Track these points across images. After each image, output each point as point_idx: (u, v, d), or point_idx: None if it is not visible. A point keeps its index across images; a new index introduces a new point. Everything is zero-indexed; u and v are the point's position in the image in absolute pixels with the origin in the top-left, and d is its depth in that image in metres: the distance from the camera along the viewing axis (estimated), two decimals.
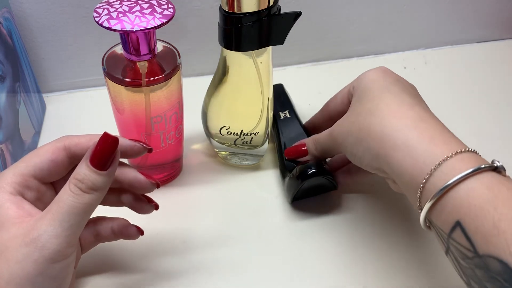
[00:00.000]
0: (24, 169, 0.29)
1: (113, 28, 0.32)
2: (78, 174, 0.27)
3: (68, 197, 0.27)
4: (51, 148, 0.30)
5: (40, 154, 0.30)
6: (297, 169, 0.40)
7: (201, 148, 0.48)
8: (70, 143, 0.31)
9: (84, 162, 0.28)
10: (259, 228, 0.41)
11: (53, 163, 0.30)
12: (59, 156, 0.30)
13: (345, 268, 0.38)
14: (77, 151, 0.31)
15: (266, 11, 0.35)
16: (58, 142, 0.31)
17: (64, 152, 0.30)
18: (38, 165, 0.30)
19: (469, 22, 0.62)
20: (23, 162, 0.30)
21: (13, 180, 0.29)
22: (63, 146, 0.30)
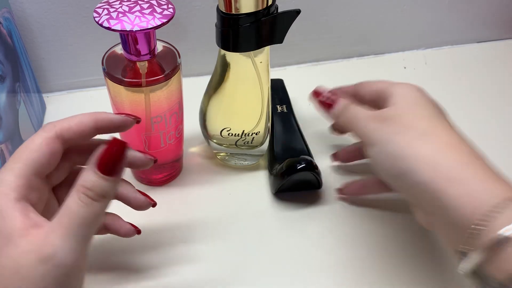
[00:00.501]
0: (25, 169, 0.27)
1: (113, 28, 0.32)
2: (86, 182, 0.26)
3: (79, 208, 0.25)
4: (44, 140, 0.28)
5: (35, 148, 0.28)
6: (287, 162, 0.41)
7: (200, 149, 0.48)
8: (61, 130, 0.29)
9: (92, 168, 0.26)
10: (259, 228, 0.41)
11: (52, 156, 0.28)
12: (55, 146, 0.29)
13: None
14: (70, 136, 0.29)
15: (265, 11, 0.35)
16: (47, 131, 0.28)
17: (58, 140, 0.29)
18: (38, 162, 0.28)
19: (469, 22, 0.62)
20: (20, 162, 0.27)
21: (17, 184, 0.26)
22: (55, 135, 0.29)
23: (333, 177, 0.45)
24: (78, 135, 0.29)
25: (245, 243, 0.40)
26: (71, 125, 0.29)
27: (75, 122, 0.29)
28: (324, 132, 0.50)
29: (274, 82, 0.50)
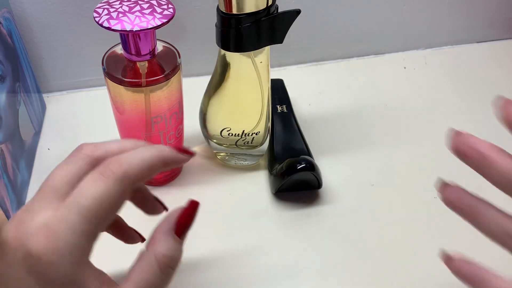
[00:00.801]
0: (97, 231, 0.24)
1: (113, 28, 0.32)
2: (169, 251, 0.24)
3: (160, 281, 0.24)
4: (121, 197, 0.24)
5: (111, 208, 0.24)
6: (287, 162, 0.41)
7: (200, 149, 0.48)
8: (135, 181, 0.25)
9: (171, 234, 0.25)
10: (259, 228, 0.41)
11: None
12: (127, 199, 0.25)
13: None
14: (139, 181, 0.26)
15: (265, 11, 0.35)
16: (124, 184, 0.24)
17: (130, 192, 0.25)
18: (110, 220, 0.24)
19: (469, 22, 0.62)
20: (93, 223, 0.23)
21: (89, 248, 0.24)
22: (130, 189, 0.25)
23: (333, 177, 0.45)
24: (145, 179, 0.26)
25: (245, 243, 0.40)
26: (144, 175, 0.25)
27: (147, 168, 0.25)
28: (324, 132, 0.50)
29: (274, 82, 0.50)
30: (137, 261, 0.25)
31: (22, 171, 0.43)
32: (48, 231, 0.22)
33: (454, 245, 0.40)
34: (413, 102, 0.55)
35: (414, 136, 0.50)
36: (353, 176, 0.46)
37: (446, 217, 0.42)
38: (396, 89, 0.56)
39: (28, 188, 0.44)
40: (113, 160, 0.24)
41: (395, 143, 0.49)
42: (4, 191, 0.38)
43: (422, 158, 0.48)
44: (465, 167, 0.48)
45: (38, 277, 0.22)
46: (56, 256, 0.22)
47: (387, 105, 0.54)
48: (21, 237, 0.23)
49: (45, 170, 0.46)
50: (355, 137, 0.50)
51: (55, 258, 0.22)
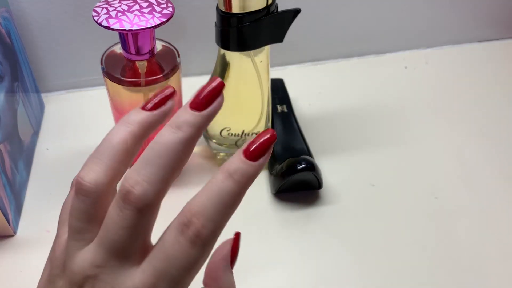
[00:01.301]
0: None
1: (112, 28, 0.32)
2: (233, 285, 0.25)
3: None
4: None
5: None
6: (287, 162, 0.41)
7: (200, 149, 0.48)
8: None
9: (229, 270, 0.26)
10: (259, 228, 0.41)
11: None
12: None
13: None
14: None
15: (265, 10, 0.35)
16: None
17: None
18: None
19: (469, 22, 0.62)
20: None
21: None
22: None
23: (333, 177, 0.45)
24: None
25: (245, 243, 0.40)
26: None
27: (224, 226, 0.25)
28: (324, 132, 0.50)
29: (274, 82, 0.50)
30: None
31: (21, 171, 0.43)
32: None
33: (454, 245, 0.40)
34: (414, 102, 0.55)
35: (414, 136, 0.50)
36: (353, 176, 0.45)
37: (446, 217, 0.42)
38: (397, 89, 0.56)
39: (27, 188, 0.44)
40: (193, 218, 0.23)
41: (395, 143, 0.49)
42: (2, 191, 0.38)
43: (422, 158, 0.48)
44: (465, 167, 0.48)
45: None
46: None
47: (387, 105, 0.54)
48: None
49: (44, 170, 0.46)
50: (356, 137, 0.50)
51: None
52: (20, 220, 0.41)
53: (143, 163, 0.22)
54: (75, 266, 0.22)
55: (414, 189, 0.44)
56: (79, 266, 0.22)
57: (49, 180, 0.45)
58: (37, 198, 0.43)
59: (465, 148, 0.49)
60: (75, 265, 0.22)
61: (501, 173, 0.46)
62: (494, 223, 0.42)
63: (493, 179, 0.46)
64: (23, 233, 0.40)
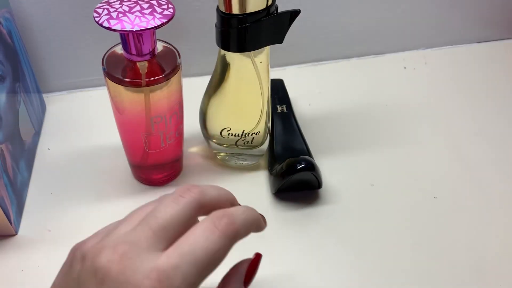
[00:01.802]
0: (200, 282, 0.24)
1: (113, 28, 0.32)
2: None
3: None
4: (227, 249, 0.25)
5: (220, 258, 0.25)
6: (287, 162, 0.41)
7: (200, 149, 0.48)
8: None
9: (242, 286, 0.27)
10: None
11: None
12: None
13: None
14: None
15: (265, 11, 0.35)
16: (229, 237, 0.25)
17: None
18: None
19: (469, 22, 0.62)
20: (204, 276, 0.24)
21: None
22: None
23: (333, 177, 0.45)
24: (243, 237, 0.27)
25: (245, 243, 0.40)
26: (246, 235, 0.27)
27: (250, 229, 0.27)
28: (324, 132, 0.50)
29: (274, 82, 0.50)
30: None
31: (22, 171, 0.43)
32: (161, 276, 0.22)
33: (454, 245, 0.40)
34: (413, 102, 0.55)
35: (414, 136, 0.50)
36: (353, 176, 0.46)
37: (446, 217, 0.42)
38: (396, 89, 0.56)
39: (28, 188, 0.44)
40: (226, 215, 0.25)
41: (395, 143, 0.49)
42: (4, 191, 0.38)
43: (422, 158, 0.48)
44: (464, 167, 0.48)
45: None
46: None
47: (387, 105, 0.54)
48: (129, 274, 0.22)
49: (45, 170, 0.46)
50: (355, 137, 0.50)
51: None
52: (21, 220, 0.41)
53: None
54: (113, 235, 0.24)
55: (414, 189, 0.45)
56: (116, 234, 0.24)
57: (50, 180, 0.45)
58: (38, 197, 0.43)
59: (464, 148, 0.49)
60: (112, 234, 0.24)
61: (501, 173, 0.46)
62: (494, 223, 0.42)
63: (493, 179, 0.46)
64: (25, 233, 0.40)
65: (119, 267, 0.22)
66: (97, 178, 0.45)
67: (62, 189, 0.44)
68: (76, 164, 0.46)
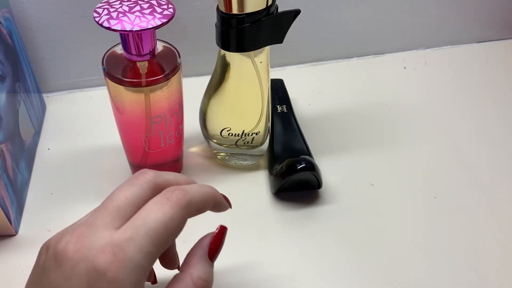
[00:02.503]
0: (159, 254, 0.24)
1: (113, 28, 0.32)
2: (205, 274, 0.26)
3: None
4: (183, 221, 0.25)
5: (174, 231, 0.25)
6: (287, 162, 0.41)
7: (200, 149, 0.48)
8: (196, 212, 0.27)
9: (204, 258, 0.27)
10: (259, 228, 0.41)
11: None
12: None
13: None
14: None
15: (265, 11, 0.35)
16: (185, 209, 0.25)
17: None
18: (170, 243, 0.25)
19: (469, 22, 0.62)
20: (158, 246, 0.24)
21: (149, 269, 0.24)
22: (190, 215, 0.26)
23: (333, 177, 0.45)
24: (200, 212, 0.27)
25: (245, 243, 0.40)
26: (200, 208, 0.27)
27: (203, 204, 0.27)
28: (324, 132, 0.50)
29: (274, 82, 0.50)
30: (173, 283, 0.26)
31: (22, 171, 0.43)
32: (116, 249, 0.23)
33: (453, 245, 0.40)
34: (413, 102, 0.55)
35: (414, 136, 0.50)
36: (353, 176, 0.46)
37: (446, 217, 0.43)
38: (396, 89, 0.57)
39: (28, 188, 0.44)
40: (178, 188, 0.25)
41: (395, 143, 0.49)
42: (4, 191, 0.38)
43: (422, 158, 0.48)
44: (464, 167, 0.48)
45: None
46: (122, 274, 0.22)
47: (387, 105, 0.54)
48: (84, 251, 0.23)
49: (45, 170, 0.46)
50: (355, 137, 0.50)
51: (121, 276, 0.22)
52: (21, 220, 0.41)
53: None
54: (74, 224, 0.26)
55: (414, 189, 0.45)
56: (77, 223, 0.26)
57: (50, 180, 0.45)
58: (38, 197, 0.43)
59: (464, 148, 0.49)
60: (74, 224, 0.26)
61: (501, 173, 0.46)
62: (494, 223, 0.42)
63: (492, 179, 0.46)
64: (25, 233, 0.41)
65: (75, 246, 0.23)
66: (97, 178, 0.45)
67: (62, 189, 0.44)
68: (76, 164, 0.46)
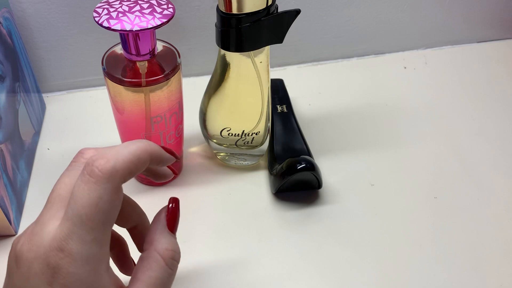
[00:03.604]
0: (106, 235, 0.24)
1: (113, 28, 0.32)
2: (170, 245, 0.26)
3: (168, 276, 0.25)
4: (114, 196, 0.23)
5: (108, 209, 0.23)
6: (287, 162, 0.41)
7: (200, 149, 0.48)
8: (125, 178, 0.24)
9: (166, 231, 0.26)
10: (259, 228, 0.41)
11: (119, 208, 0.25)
12: (121, 197, 0.24)
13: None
14: (128, 178, 0.25)
15: (265, 11, 0.35)
16: (112, 182, 0.23)
17: (121, 188, 0.25)
18: (113, 222, 0.24)
19: (469, 22, 0.62)
20: (99, 229, 0.23)
21: (104, 254, 0.24)
22: (121, 185, 0.24)
23: (333, 177, 0.45)
24: (134, 173, 0.25)
25: (245, 243, 0.40)
26: (132, 168, 0.24)
27: (134, 163, 0.24)
28: (324, 132, 0.50)
29: (274, 82, 0.50)
30: (140, 263, 0.26)
31: (22, 171, 0.43)
32: (61, 245, 0.22)
33: (453, 245, 0.40)
34: (413, 102, 0.55)
35: (414, 136, 0.50)
36: (353, 176, 0.46)
37: (446, 217, 0.42)
38: (396, 89, 0.56)
39: (28, 188, 0.44)
40: (99, 157, 0.23)
41: (395, 143, 0.49)
42: (3, 190, 0.38)
43: (422, 158, 0.48)
44: (464, 167, 0.48)
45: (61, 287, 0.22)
46: (74, 267, 0.22)
47: (387, 105, 0.54)
48: (35, 249, 0.23)
49: (45, 170, 0.46)
50: (355, 137, 0.50)
51: (74, 269, 0.22)
52: (21, 220, 0.41)
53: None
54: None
55: (414, 189, 0.45)
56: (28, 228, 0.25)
57: (50, 179, 0.45)
58: (38, 197, 0.43)
59: (464, 148, 0.49)
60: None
61: (501, 173, 0.46)
62: (494, 223, 0.42)
63: (492, 179, 0.46)
64: None
65: (28, 246, 0.23)
66: None
67: None
68: None
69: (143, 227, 0.31)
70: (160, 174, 0.31)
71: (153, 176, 0.31)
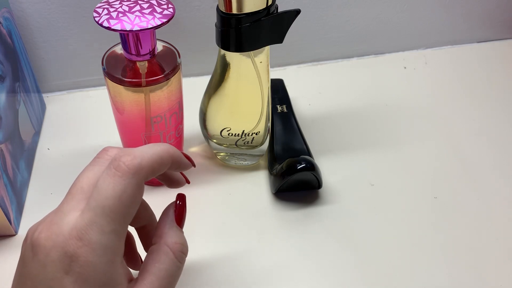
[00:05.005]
0: (125, 229, 0.25)
1: (113, 28, 0.32)
2: (179, 238, 0.27)
3: (177, 269, 0.26)
4: (137, 191, 0.25)
5: (130, 203, 0.24)
6: (287, 162, 0.41)
7: (200, 149, 0.48)
8: (148, 175, 0.25)
9: (175, 226, 0.28)
10: (259, 228, 0.41)
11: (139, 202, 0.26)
12: (142, 192, 0.25)
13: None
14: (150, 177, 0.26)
15: (265, 11, 0.35)
16: (137, 178, 0.24)
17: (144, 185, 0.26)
18: (132, 216, 0.25)
19: (469, 22, 0.62)
20: (119, 222, 0.24)
21: (120, 247, 0.24)
22: (143, 182, 0.25)
23: (333, 177, 0.45)
24: (156, 173, 0.26)
25: (245, 243, 0.40)
26: (155, 168, 0.25)
27: (158, 163, 0.25)
28: (324, 132, 0.50)
29: (274, 82, 0.50)
30: (150, 255, 0.26)
31: (22, 171, 0.43)
32: (80, 234, 0.23)
33: (454, 245, 0.40)
34: (413, 102, 0.55)
35: (414, 136, 0.50)
36: (353, 176, 0.46)
37: (446, 217, 0.42)
38: (396, 89, 0.56)
39: (28, 188, 0.44)
40: (126, 153, 0.24)
41: (395, 143, 0.49)
42: (3, 190, 0.38)
43: (422, 158, 0.48)
44: (464, 167, 0.48)
45: (77, 276, 0.23)
46: (92, 257, 0.23)
47: (387, 105, 0.54)
48: (54, 238, 0.23)
49: (45, 170, 0.46)
50: (355, 137, 0.50)
51: (91, 258, 0.23)
52: (21, 220, 0.41)
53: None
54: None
55: (414, 189, 0.45)
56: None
57: (50, 179, 0.45)
58: (38, 197, 0.43)
59: (465, 148, 0.49)
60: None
61: (501, 173, 0.46)
62: (494, 223, 0.42)
63: (492, 179, 0.46)
64: (24, 233, 0.40)
65: (46, 234, 0.23)
66: None
67: (62, 189, 0.44)
68: (76, 164, 0.46)
69: (151, 227, 0.32)
70: (174, 180, 0.32)
71: (167, 181, 0.32)
